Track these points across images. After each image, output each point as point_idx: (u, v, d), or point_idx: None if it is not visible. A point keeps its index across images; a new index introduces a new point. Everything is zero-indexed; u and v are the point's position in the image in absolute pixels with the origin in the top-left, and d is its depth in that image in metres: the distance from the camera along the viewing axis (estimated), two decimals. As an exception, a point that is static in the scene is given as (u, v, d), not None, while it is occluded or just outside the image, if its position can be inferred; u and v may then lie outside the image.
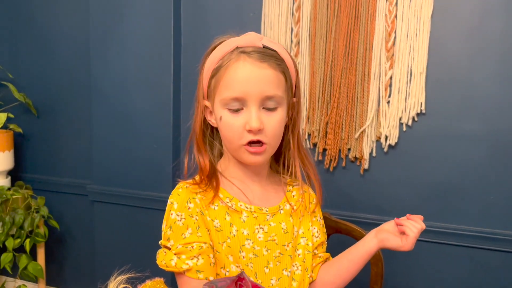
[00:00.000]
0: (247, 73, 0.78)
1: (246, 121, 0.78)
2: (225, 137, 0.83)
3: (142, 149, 1.52)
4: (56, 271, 1.83)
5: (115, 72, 1.51)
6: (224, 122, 0.80)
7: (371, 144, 1.29)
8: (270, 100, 0.79)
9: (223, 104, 0.79)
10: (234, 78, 0.78)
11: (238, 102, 0.78)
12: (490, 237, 1.20)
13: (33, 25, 1.72)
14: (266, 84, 0.78)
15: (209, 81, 0.83)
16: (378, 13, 1.24)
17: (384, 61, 1.25)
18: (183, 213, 0.81)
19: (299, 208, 0.90)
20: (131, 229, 1.57)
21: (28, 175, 1.80)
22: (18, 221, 1.54)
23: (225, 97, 0.79)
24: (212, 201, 0.82)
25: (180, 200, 0.82)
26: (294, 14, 1.32)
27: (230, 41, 0.82)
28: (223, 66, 0.80)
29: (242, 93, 0.77)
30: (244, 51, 0.79)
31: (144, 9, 1.45)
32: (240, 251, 0.81)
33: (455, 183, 1.23)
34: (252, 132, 0.78)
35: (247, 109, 0.78)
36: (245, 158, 0.82)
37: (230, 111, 0.79)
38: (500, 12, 1.15)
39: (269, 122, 0.80)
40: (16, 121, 1.74)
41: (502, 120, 1.18)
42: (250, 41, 0.81)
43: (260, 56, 0.79)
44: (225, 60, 0.80)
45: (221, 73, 0.80)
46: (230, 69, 0.79)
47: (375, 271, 1.02)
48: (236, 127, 0.79)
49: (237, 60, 0.79)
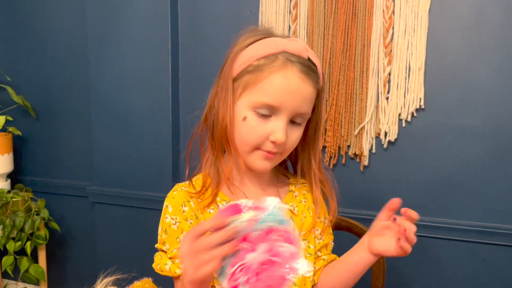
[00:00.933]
0: (290, 85, 0.74)
1: (272, 130, 0.75)
2: (241, 138, 0.78)
3: (142, 150, 1.51)
4: (58, 273, 1.83)
5: (114, 73, 1.51)
6: (248, 124, 0.76)
7: (370, 140, 1.29)
8: (300, 116, 0.77)
9: (252, 106, 0.75)
10: (276, 85, 0.74)
11: (269, 109, 0.75)
12: (491, 231, 1.20)
13: (31, 28, 1.72)
14: (303, 101, 0.76)
15: (241, 73, 0.77)
16: (375, 9, 1.23)
17: (383, 57, 1.24)
18: (178, 216, 0.80)
19: (300, 209, 0.87)
20: (132, 229, 1.57)
21: (28, 177, 1.80)
22: (18, 223, 1.54)
23: (259, 100, 0.74)
24: (208, 205, 0.81)
25: (175, 204, 0.81)
26: (291, 11, 1.32)
27: (276, 41, 0.77)
28: (267, 67, 0.75)
29: (278, 102, 0.74)
30: (290, 59, 0.75)
31: (141, 10, 1.45)
32: None
33: (455, 178, 1.23)
34: (275, 144, 0.76)
35: (276, 119, 0.75)
36: (254, 162, 0.78)
37: (257, 115, 0.75)
38: (498, 6, 1.15)
39: (291, 136, 0.78)
40: (15, 124, 1.73)
41: (502, 115, 1.18)
42: (298, 50, 0.76)
43: (306, 70, 0.75)
44: (270, 61, 0.75)
45: (262, 74, 0.75)
46: (275, 75, 0.74)
47: (377, 267, 1.02)
48: (260, 133, 0.75)
49: (283, 68, 0.74)
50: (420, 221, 1.27)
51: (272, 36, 0.78)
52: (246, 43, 0.78)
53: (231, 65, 0.78)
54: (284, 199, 0.87)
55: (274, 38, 0.77)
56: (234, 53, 0.78)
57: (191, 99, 1.49)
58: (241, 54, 0.78)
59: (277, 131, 0.75)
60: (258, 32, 0.79)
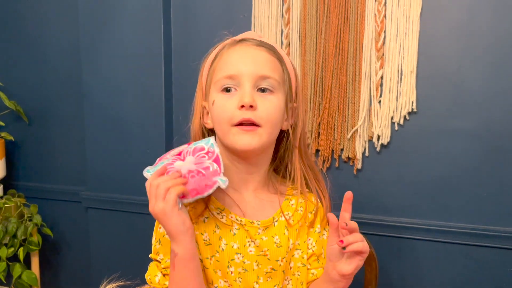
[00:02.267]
0: (242, 54, 0.78)
1: (239, 100, 0.76)
2: (216, 121, 0.79)
3: (135, 154, 1.51)
4: (51, 279, 1.81)
5: (107, 77, 1.51)
6: (216, 104, 0.78)
7: (363, 144, 1.29)
8: (265, 80, 0.77)
9: (217, 87, 0.79)
10: (229, 59, 0.79)
11: (231, 81, 0.77)
12: (484, 233, 1.21)
13: (23, 33, 1.71)
14: (261, 64, 0.78)
15: (207, 75, 0.83)
16: (367, 13, 1.24)
17: (375, 61, 1.25)
18: None
19: (296, 218, 0.85)
20: (126, 235, 1.56)
21: (21, 183, 1.79)
22: (11, 229, 1.53)
23: (218, 78, 0.78)
24: (201, 213, 0.80)
25: None
26: (284, 15, 1.32)
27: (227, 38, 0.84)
28: (219, 54, 0.81)
29: (235, 71, 0.76)
30: (238, 40, 0.81)
31: (133, 14, 1.45)
32: (229, 266, 0.79)
33: (448, 181, 1.23)
34: (244, 107, 0.75)
35: (240, 89, 0.77)
36: (235, 141, 0.77)
37: (223, 93, 0.78)
38: (488, 9, 1.16)
39: (263, 103, 0.76)
40: (7, 129, 1.72)
41: (493, 117, 1.18)
42: (248, 35, 0.82)
43: (257, 42, 0.80)
44: (220, 49, 0.82)
45: (216, 60, 0.81)
46: (225, 54, 0.80)
47: (369, 271, 1.02)
48: (228, 107, 0.76)
49: (232, 46, 0.80)
50: (412, 223, 1.29)
51: None
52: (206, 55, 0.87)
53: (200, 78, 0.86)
54: (281, 207, 0.85)
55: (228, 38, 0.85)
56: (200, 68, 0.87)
57: (184, 104, 1.48)
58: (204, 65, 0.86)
59: (243, 96, 0.76)
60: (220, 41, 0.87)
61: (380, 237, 1.30)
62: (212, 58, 0.83)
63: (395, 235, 1.29)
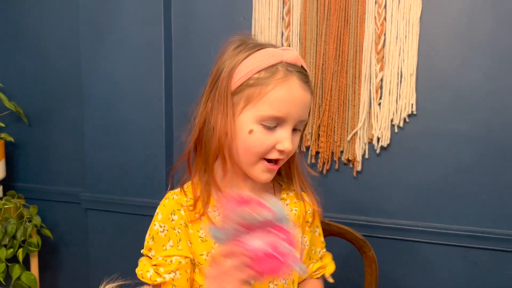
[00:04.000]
0: (295, 96, 0.76)
1: (278, 140, 0.77)
2: (247, 150, 0.78)
3: (135, 156, 1.51)
4: (50, 281, 1.81)
5: (107, 79, 1.51)
6: (255, 137, 0.76)
7: (363, 146, 1.29)
8: (301, 123, 0.80)
9: (259, 119, 0.76)
10: (282, 98, 0.75)
11: (276, 121, 0.76)
12: (483, 236, 1.21)
13: (23, 34, 1.71)
14: (305, 109, 0.79)
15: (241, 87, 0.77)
16: (367, 15, 1.24)
17: (375, 63, 1.25)
18: (166, 224, 0.80)
19: (291, 218, 0.85)
20: (125, 236, 1.56)
21: (20, 184, 1.79)
22: (10, 230, 1.53)
23: (266, 114, 0.75)
24: (200, 216, 0.81)
25: (165, 212, 0.82)
26: (284, 18, 1.33)
27: (273, 52, 0.77)
28: (270, 80, 0.75)
29: (285, 113, 0.75)
30: (289, 70, 0.76)
31: (134, 16, 1.45)
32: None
33: (447, 183, 1.24)
34: (282, 152, 0.77)
35: (282, 129, 0.77)
36: (258, 174, 0.79)
37: (263, 127, 0.76)
38: (488, 13, 1.16)
39: (294, 143, 0.80)
40: (7, 130, 1.72)
41: (493, 120, 1.19)
42: (294, 59, 0.78)
43: (304, 78, 0.78)
44: (271, 73, 0.75)
45: (266, 87, 0.75)
46: (279, 87, 0.75)
47: (369, 273, 1.02)
48: (267, 144, 0.77)
49: (286, 80, 0.76)
50: (412, 226, 1.29)
51: (263, 46, 0.79)
52: (241, 57, 0.78)
53: (229, 79, 0.77)
54: None
55: (269, 49, 0.78)
56: (229, 68, 0.78)
57: (184, 106, 1.48)
58: (238, 68, 0.77)
59: (284, 140, 0.76)
60: (249, 44, 0.79)
61: (380, 239, 1.30)
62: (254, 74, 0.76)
63: (395, 237, 1.29)
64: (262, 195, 0.85)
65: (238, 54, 0.78)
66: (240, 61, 0.77)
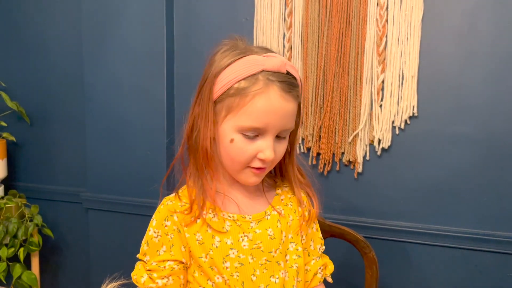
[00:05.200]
0: (274, 106, 0.75)
1: (260, 149, 0.77)
2: (230, 159, 0.79)
3: (136, 156, 1.51)
4: (51, 280, 1.81)
5: (108, 79, 1.51)
6: (236, 146, 0.77)
7: (364, 147, 1.30)
8: (285, 131, 0.79)
9: (239, 129, 0.76)
10: (260, 108, 0.74)
11: (255, 131, 0.76)
12: (483, 238, 1.21)
13: (25, 34, 1.72)
14: (287, 118, 0.78)
15: (222, 96, 0.77)
16: (369, 17, 1.25)
17: (376, 65, 1.26)
18: (160, 230, 0.82)
19: (287, 212, 0.87)
20: (125, 236, 1.56)
21: (22, 183, 1.79)
22: (11, 230, 1.53)
23: (245, 124, 0.75)
24: (195, 219, 0.82)
25: (158, 218, 0.83)
26: (286, 19, 1.33)
27: (255, 60, 0.76)
28: (249, 91, 0.74)
29: (264, 124, 0.75)
30: (271, 79, 0.75)
31: (136, 16, 1.46)
32: (224, 262, 0.80)
33: (448, 185, 1.24)
34: (264, 161, 0.78)
35: (263, 139, 0.77)
36: (245, 178, 0.81)
37: (244, 137, 0.77)
38: (489, 15, 1.17)
39: (278, 151, 0.80)
40: (9, 130, 1.73)
41: (494, 122, 1.19)
42: (277, 67, 0.76)
43: (287, 87, 0.76)
44: (251, 83, 0.74)
45: (245, 97, 0.74)
46: (258, 98, 0.74)
47: (370, 274, 1.02)
48: (249, 153, 0.77)
49: (265, 90, 0.74)
50: (412, 228, 1.29)
51: (249, 52, 0.77)
52: (224, 63, 0.77)
53: (211, 87, 0.78)
54: (272, 202, 0.87)
55: (252, 57, 0.76)
56: (213, 75, 0.78)
57: (185, 106, 1.48)
58: (220, 76, 0.77)
59: (265, 150, 0.77)
60: (234, 50, 0.78)
61: (381, 241, 1.30)
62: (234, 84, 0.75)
63: (396, 239, 1.29)
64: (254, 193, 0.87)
65: (223, 59, 0.77)
66: (223, 68, 0.77)
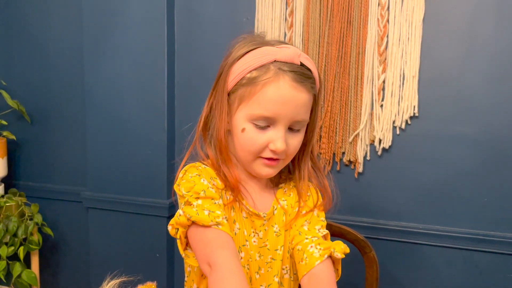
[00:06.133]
0: (284, 96, 0.75)
1: (271, 140, 0.77)
2: (242, 149, 0.79)
3: (137, 155, 1.51)
4: (51, 279, 1.81)
5: (109, 78, 1.51)
6: (247, 135, 0.77)
7: (365, 147, 1.30)
8: (298, 123, 0.78)
9: (249, 118, 0.77)
10: (270, 97, 0.75)
11: (266, 121, 0.76)
12: (484, 239, 1.21)
13: (26, 33, 1.72)
14: (299, 109, 0.77)
15: (236, 86, 0.78)
16: (370, 17, 1.25)
17: (377, 65, 1.26)
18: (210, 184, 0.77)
19: (289, 202, 0.87)
20: (126, 235, 1.56)
21: (22, 182, 1.79)
22: (11, 228, 1.53)
23: (255, 113, 0.76)
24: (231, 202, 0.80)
25: (206, 174, 0.79)
26: (287, 19, 1.33)
27: (266, 51, 0.77)
28: (260, 80, 0.75)
29: (274, 114, 0.75)
30: (282, 69, 0.75)
31: (137, 15, 1.46)
32: (240, 251, 0.80)
33: (448, 186, 1.24)
34: (275, 152, 0.77)
35: (274, 129, 0.76)
36: (257, 169, 0.80)
37: (255, 126, 0.77)
38: (490, 15, 1.17)
39: (291, 143, 0.79)
40: (10, 128, 1.73)
41: (494, 122, 1.19)
42: (290, 57, 0.76)
43: (299, 77, 0.75)
44: (262, 73, 0.75)
45: (256, 88, 0.75)
46: (268, 87, 0.74)
47: (370, 274, 1.02)
48: (259, 143, 0.77)
49: (276, 79, 0.74)
50: (413, 228, 1.29)
51: (264, 44, 0.78)
52: (238, 54, 0.78)
53: (225, 78, 0.79)
54: (277, 194, 0.87)
55: (265, 48, 0.77)
56: (227, 66, 0.79)
57: (186, 105, 1.49)
58: (234, 67, 0.78)
59: (276, 140, 0.76)
60: (250, 42, 0.79)
61: (381, 241, 1.30)
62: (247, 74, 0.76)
63: (396, 239, 1.30)
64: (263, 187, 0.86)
65: (238, 51, 0.79)
66: (236, 60, 0.78)
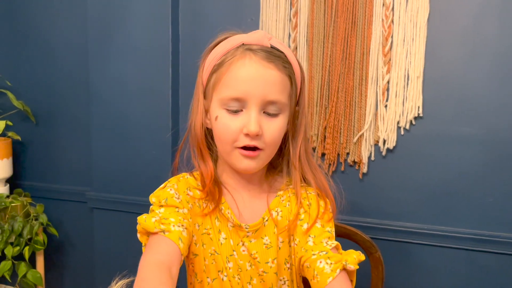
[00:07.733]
0: (251, 72, 0.72)
1: (244, 124, 0.73)
2: (219, 139, 0.77)
3: (141, 155, 1.52)
4: (56, 279, 1.82)
5: (114, 78, 1.52)
6: (220, 122, 0.74)
7: (369, 148, 1.30)
8: (272, 105, 0.74)
9: (221, 103, 0.74)
10: (237, 76, 0.72)
11: (238, 103, 0.73)
12: (488, 239, 1.21)
13: (31, 33, 1.72)
14: (270, 87, 0.73)
15: (209, 77, 0.77)
16: (375, 18, 1.25)
17: (381, 66, 1.26)
18: (181, 195, 0.78)
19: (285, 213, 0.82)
20: (130, 235, 1.56)
21: (27, 182, 1.80)
22: (17, 228, 1.54)
23: (224, 96, 0.73)
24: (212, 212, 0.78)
25: (181, 185, 0.80)
26: (291, 19, 1.33)
27: (235, 37, 0.77)
28: (226, 62, 0.74)
29: (243, 93, 0.72)
30: (250, 49, 0.73)
31: (142, 16, 1.46)
32: (228, 261, 0.78)
33: (453, 186, 1.24)
34: (249, 136, 0.73)
35: (247, 111, 0.73)
36: (237, 163, 0.76)
37: (228, 112, 0.74)
38: (495, 16, 1.16)
39: (268, 128, 0.74)
40: (15, 129, 1.74)
41: (499, 122, 1.18)
42: (258, 39, 0.75)
43: (267, 55, 0.73)
44: (229, 56, 0.74)
45: (222, 69, 0.74)
46: (233, 67, 0.73)
47: (375, 275, 1.02)
48: (232, 129, 0.73)
49: (241, 57, 0.73)
50: (417, 228, 1.29)
51: (235, 34, 0.79)
52: (209, 47, 0.79)
53: (200, 73, 0.80)
54: (270, 204, 0.83)
55: (234, 36, 0.78)
56: (201, 60, 0.80)
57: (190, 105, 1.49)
58: (206, 60, 0.79)
59: (248, 123, 0.72)
60: (221, 36, 0.80)
61: (386, 242, 1.30)
62: (216, 61, 0.76)
63: (400, 240, 1.29)
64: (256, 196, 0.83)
65: (209, 45, 0.80)
66: (207, 54, 0.80)
